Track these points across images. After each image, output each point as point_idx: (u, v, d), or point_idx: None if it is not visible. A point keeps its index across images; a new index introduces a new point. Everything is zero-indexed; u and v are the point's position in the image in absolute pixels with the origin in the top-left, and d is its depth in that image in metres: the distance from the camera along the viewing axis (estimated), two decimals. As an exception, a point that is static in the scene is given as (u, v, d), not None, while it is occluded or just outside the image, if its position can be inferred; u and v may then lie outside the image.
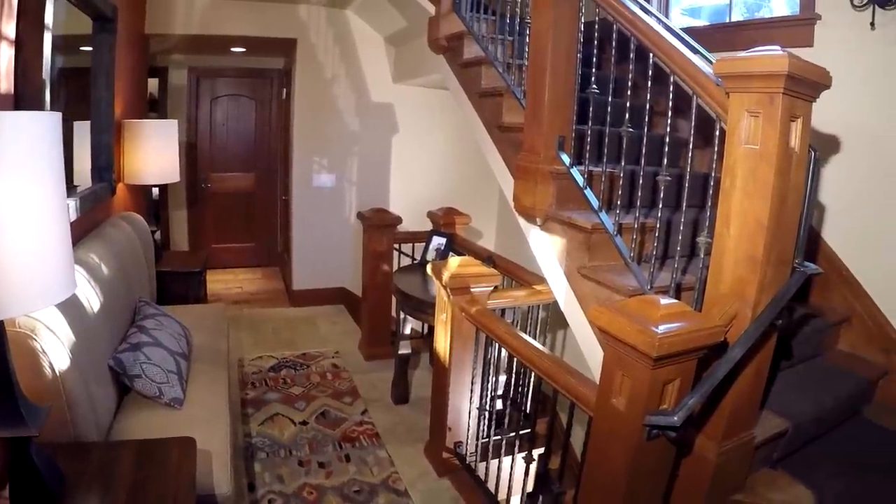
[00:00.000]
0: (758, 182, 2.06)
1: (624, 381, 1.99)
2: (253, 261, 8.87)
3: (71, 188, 3.62)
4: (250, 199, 8.69)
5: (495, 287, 3.62)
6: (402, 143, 7.23)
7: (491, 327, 3.23)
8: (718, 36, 4.31)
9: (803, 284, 3.60)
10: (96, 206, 3.86)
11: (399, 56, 6.76)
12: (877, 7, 3.26)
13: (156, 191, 7.87)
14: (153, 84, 8.07)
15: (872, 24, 3.30)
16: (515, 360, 3.21)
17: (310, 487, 3.74)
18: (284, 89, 7.72)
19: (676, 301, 2.04)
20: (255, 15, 6.39)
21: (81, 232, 3.50)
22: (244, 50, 7.65)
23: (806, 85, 2.06)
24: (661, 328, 1.81)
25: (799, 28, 3.70)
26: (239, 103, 8.50)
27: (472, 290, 3.49)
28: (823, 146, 3.51)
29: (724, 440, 2.29)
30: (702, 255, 2.35)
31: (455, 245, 5.45)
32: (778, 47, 2.01)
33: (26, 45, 2.59)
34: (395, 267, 5.70)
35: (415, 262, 5.69)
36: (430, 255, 5.30)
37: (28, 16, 2.57)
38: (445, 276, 3.47)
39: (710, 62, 2.32)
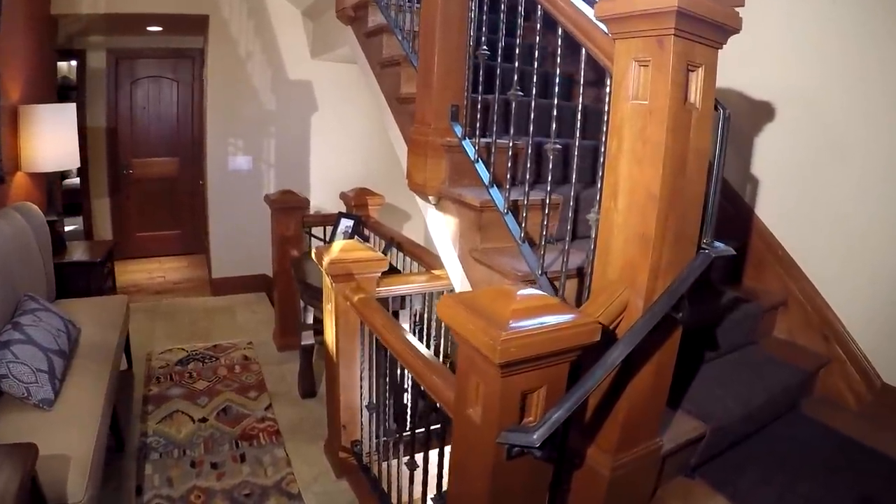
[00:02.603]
0: (647, 144, 1.71)
1: (480, 388, 1.62)
2: (179, 248, 8.52)
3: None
4: (174, 185, 8.34)
5: (396, 272, 3.26)
6: (323, 121, 6.93)
7: (370, 318, 2.88)
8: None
9: (735, 265, 3.35)
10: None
11: (316, 30, 6.43)
12: (813, -43, 2.96)
13: (77, 179, 7.67)
14: (71, 68, 7.96)
15: (809, -25, 3.02)
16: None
17: (199, 490, 3.47)
18: (205, 69, 7.31)
19: (538, 292, 1.65)
20: (166, -11, 6.05)
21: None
22: (160, 29, 7.29)
23: (707, 26, 1.70)
24: (510, 327, 1.45)
25: (729, -15, 3.38)
26: (160, 85, 8.12)
27: (356, 276, 3.13)
28: (757, 113, 3.24)
29: (619, 452, 1.94)
30: (592, 235, 1.99)
31: (366, 227, 5.21)
32: (671, -20, 1.64)
33: None
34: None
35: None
36: (338, 239, 4.95)
37: None
38: (326, 261, 3.11)
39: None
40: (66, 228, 6.92)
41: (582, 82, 2.08)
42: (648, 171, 1.71)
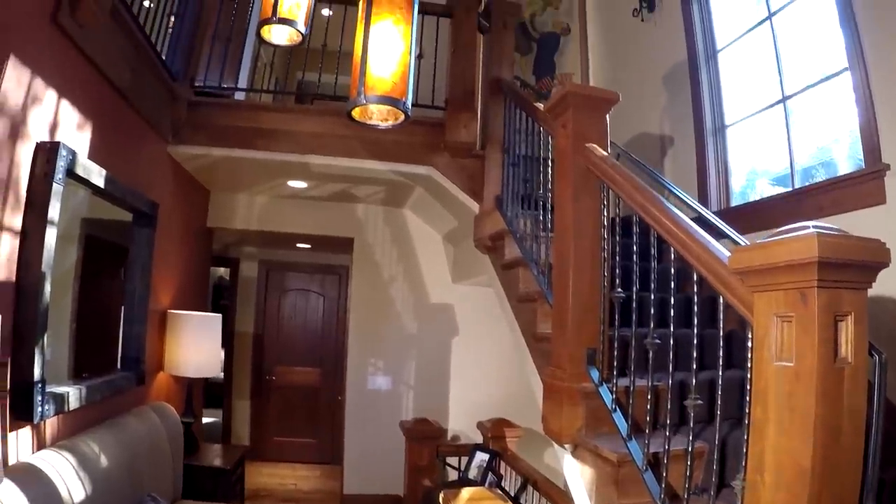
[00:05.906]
0: (795, 412, 1.55)
1: None
2: (314, 457, 8.46)
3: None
4: (315, 395, 8.49)
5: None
6: (463, 345, 6.87)
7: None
8: (780, 208, 3.93)
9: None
10: (114, 395, 3.76)
11: (457, 255, 6.58)
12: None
13: (221, 374, 8.01)
14: (224, 273, 8.65)
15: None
16: None
17: None
18: (349, 288, 7.64)
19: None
20: (313, 213, 6.50)
21: (89, 420, 3.42)
22: (309, 246, 7.79)
23: (853, 269, 1.56)
24: None
25: (867, 184, 3.31)
26: (307, 298, 8.57)
27: (483, 526, 3.00)
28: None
29: None
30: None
31: (504, 461, 4.98)
32: (809, 224, 1.55)
33: (31, 237, 2.72)
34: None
35: (459, 477, 5.18)
36: (472, 473, 4.80)
37: (35, 209, 2.74)
38: (452, 511, 3.00)
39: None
40: (206, 420, 7.20)
41: (722, 326, 1.96)
42: (798, 443, 1.54)
